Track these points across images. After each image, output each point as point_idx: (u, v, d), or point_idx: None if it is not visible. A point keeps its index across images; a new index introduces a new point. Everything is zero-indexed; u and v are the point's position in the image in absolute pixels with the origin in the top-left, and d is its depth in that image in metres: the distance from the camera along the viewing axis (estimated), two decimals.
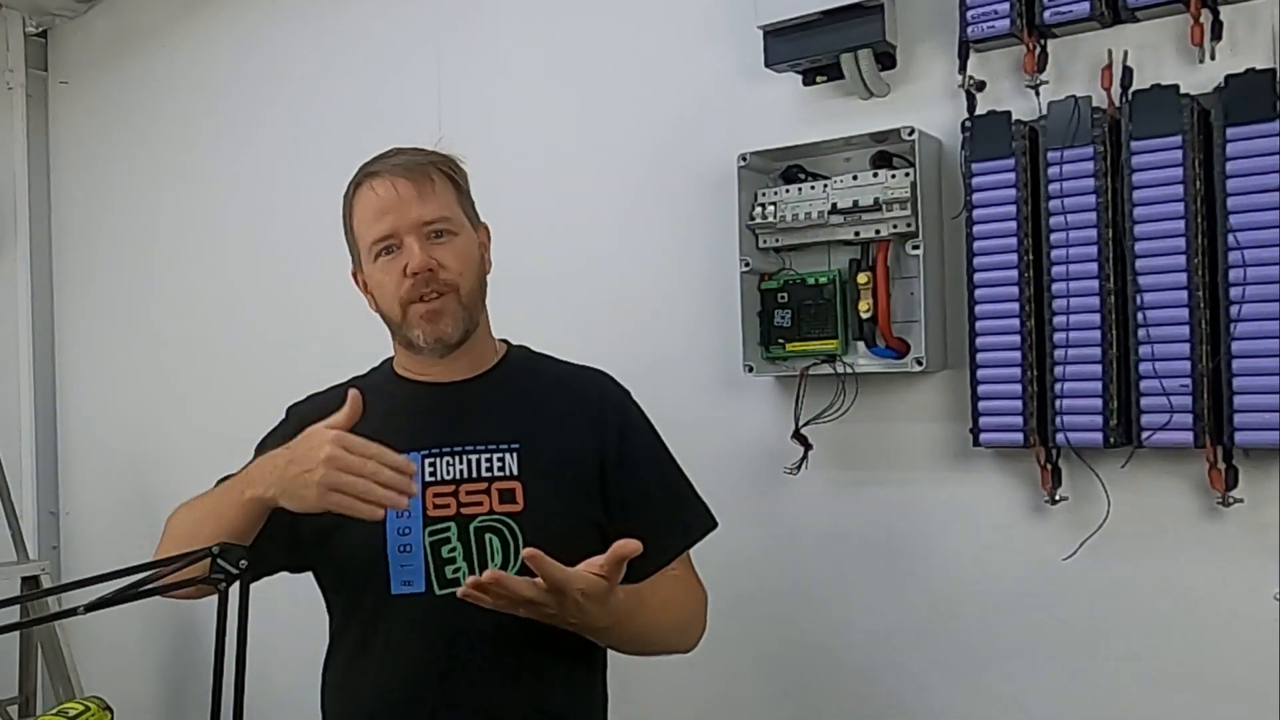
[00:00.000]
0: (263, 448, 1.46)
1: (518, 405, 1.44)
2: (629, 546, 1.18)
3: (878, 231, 1.72)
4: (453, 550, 1.36)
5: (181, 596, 1.24)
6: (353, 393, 1.26)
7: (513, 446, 1.39)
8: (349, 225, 1.45)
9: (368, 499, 1.18)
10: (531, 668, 1.36)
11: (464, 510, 1.37)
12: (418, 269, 1.35)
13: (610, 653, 1.46)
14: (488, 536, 1.36)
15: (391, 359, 1.51)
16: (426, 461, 1.38)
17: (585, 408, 1.45)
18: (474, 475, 1.38)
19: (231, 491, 1.30)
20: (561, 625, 1.25)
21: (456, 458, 1.39)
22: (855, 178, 1.73)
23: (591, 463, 1.41)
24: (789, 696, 1.93)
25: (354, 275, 1.47)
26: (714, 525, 1.48)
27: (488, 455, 1.38)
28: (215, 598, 1.07)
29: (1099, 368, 1.54)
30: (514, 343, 1.54)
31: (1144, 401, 1.50)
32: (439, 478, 1.38)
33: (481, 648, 1.35)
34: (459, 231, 1.41)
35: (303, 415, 1.44)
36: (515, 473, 1.38)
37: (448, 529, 1.36)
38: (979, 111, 1.66)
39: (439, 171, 1.41)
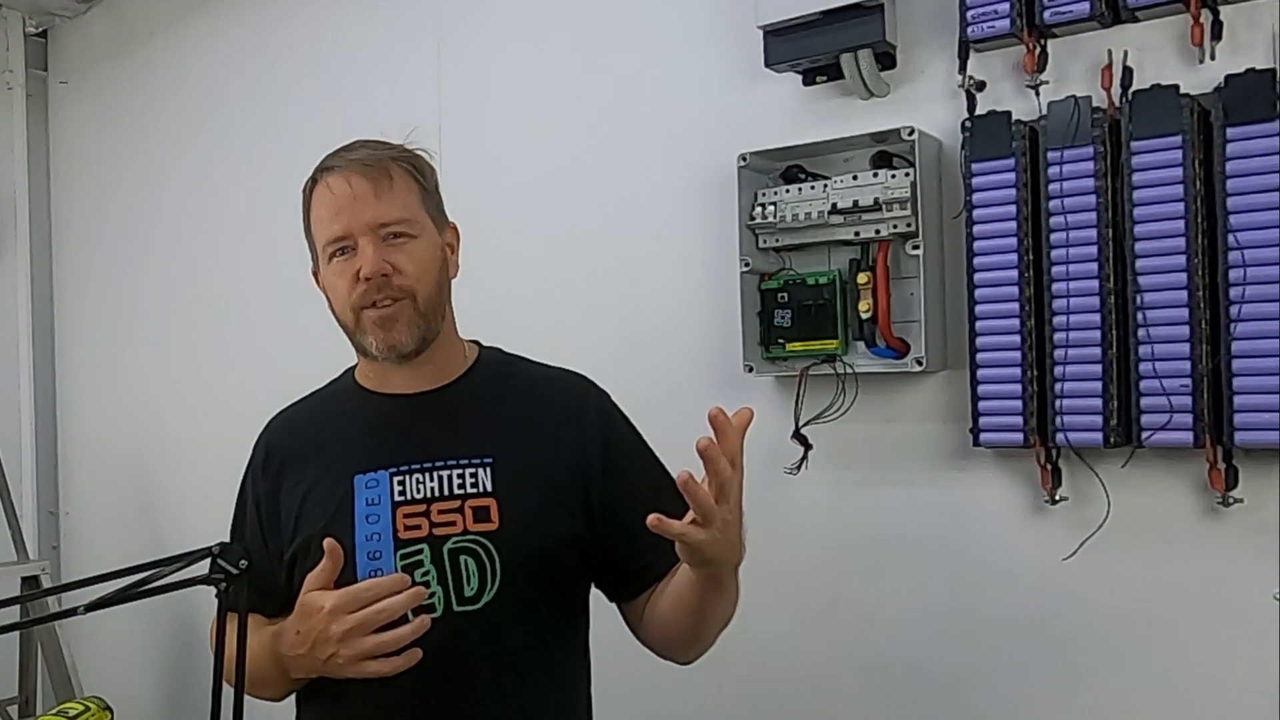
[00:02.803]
0: (242, 493, 1.43)
1: (490, 415, 1.36)
2: (745, 415, 1.10)
3: (878, 231, 1.72)
4: (426, 574, 1.27)
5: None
6: (329, 544, 1.21)
7: (486, 461, 1.30)
8: (307, 223, 1.37)
9: (396, 647, 1.18)
10: (515, 692, 1.30)
11: (436, 531, 1.28)
12: (370, 274, 1.27)
13: (594, 664, 1.40)
14: (462, 559, 1.27)
15: (354, 368, 1.44)
16: (395, 480, 1.30)
17: (564, 415, 1.36)
18: (446, 493, 1.29)
19: (274, 669, 1.28)
20: (717, 562, 1.17)
21: (426, 474, 1.30)
22: (855, 178, 1.73)
23: (571, 473, 1.33)
24: (788, 696, 1.93)
25: (314, 275, 1.39)
26: None
27: (459, 471, 1.30)
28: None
29: (1099, 368, 1.54)
30: (486, 344, 1.45)
31: (1144, 401, 1.50)
32: (409, 496, 1.29)
33: (462, 677, 1.28)
34: (418, 234, 1.31)
35: (268, 445, 1.42)
36: (489, 489, 1.29)
37: (420, 551, 1.28)
38: (979, 111, 1.66)
39: (400, 168, 1.32)
